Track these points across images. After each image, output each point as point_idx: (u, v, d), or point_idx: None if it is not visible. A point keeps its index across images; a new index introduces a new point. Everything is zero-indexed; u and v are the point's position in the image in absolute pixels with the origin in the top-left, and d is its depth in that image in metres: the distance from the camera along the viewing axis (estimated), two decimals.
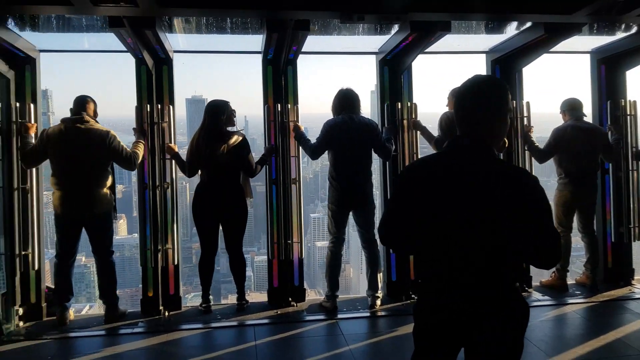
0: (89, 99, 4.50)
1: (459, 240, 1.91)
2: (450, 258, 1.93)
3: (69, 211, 4.38)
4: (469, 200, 1.89)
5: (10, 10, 3.91)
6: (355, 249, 4.53)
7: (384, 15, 4.08)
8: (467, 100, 2.02)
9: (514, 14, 4.39)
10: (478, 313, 1.92)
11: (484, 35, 5.10)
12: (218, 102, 4.62)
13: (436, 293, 1.99)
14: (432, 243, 1.98)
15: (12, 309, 4.45)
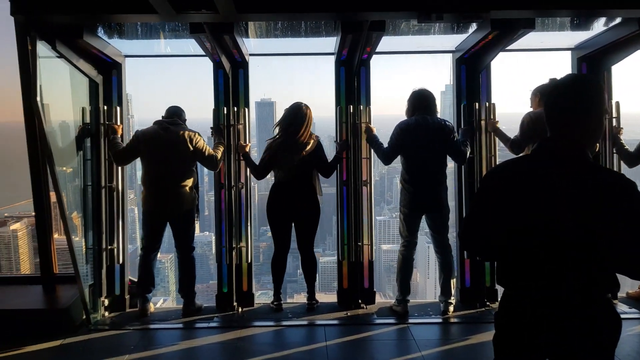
0: (180, 109, 4.75)
1: (548, 247, 1.84)
2: (538, 266, 1.87)
3: (156, 208, 4.61)
4: (560, 205, 1.81)
5: (101, 19, 4.12)
6: (422, 253, 4.47)
7: (463, 14, 3.91)
8: (560, 100, 1.93)
9: (604, 9, 4.10)
10: (566, 324, 1.85)
11: (569, 32, 4.83)
12: (295, 107, 4.60)
13: (522, 301, 1.93)
14: (520, 249, 1.91)
15: (98, 300, 4.74)
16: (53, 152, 4.17)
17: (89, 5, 3.79)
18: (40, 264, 4.94)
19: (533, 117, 4.44)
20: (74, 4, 3.77)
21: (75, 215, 4.71)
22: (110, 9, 3.85)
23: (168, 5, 3.49)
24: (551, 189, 1.83)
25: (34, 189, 4.73)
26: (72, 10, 3.80)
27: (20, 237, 15.48)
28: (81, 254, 4.65)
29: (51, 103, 4.35)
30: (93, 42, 4.28)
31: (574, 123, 1.88)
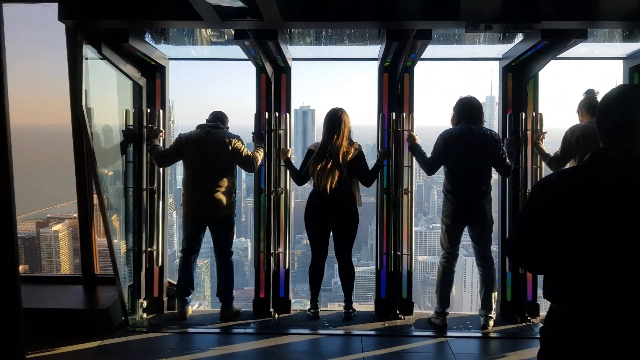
0: (224, 114, 4.81)
1: (602, 261, 1.75)
2: (590, 280, 1.78)
3: (196, 210, 4.65)
4: (616, 216, 1.73)
5: (148, 24, 4.17)
6: (460, 266, 4.40)
7: (513, 24, 3.81)
8: (612, 111, 1.87)
9: None
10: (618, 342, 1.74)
11: (618, 43, 4.68)
12: (335, 113, 4.57)
13: (571, 317, 1.84)
14: (571, 263, 1.82)
15: (137, 302, 4.80)
16: (96, 155, 4.23)
17: (135, 11, 3.84)
18: (82, 265, 5.05)
19: (576, 131, 4.29)
20: (121, 10, 3.82)
21: (115, 218, 4.78)
22: (156, 15, 3.89)
23: (214, 13, 3.52)
24: (605, 200, 1.76)
25: (78, 191, 4.86)
26: (119, 15, 3.86)
27: (62, 238, 15.90)
28: (120, 255, 4.71)
29: (96, 106, 4.41)
30: (138, 45, 4.34)
31: (627, 134, 1.82)
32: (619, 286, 1.75)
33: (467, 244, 4.81)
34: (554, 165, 4.44)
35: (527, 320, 4.73)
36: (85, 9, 3.82)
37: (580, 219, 1.79)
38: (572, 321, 1.83)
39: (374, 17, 3.90)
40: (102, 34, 4.06)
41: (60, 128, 4.91)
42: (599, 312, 1.78)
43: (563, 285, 1.88)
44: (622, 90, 1.93)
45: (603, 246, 1.76)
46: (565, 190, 1.86)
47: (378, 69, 4.89)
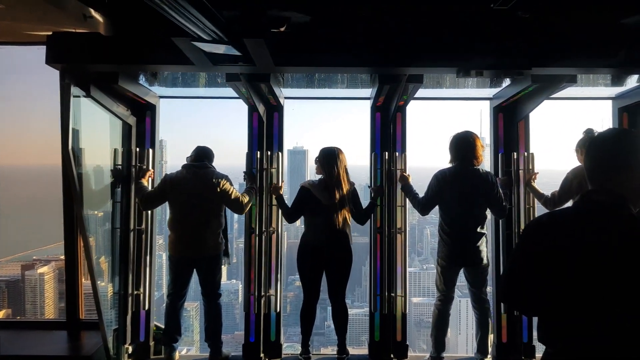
0: (209, 150, 4.74)
1: (592, 306, 1.76)
2: (582, 323, 1.78)
3: (183, 252, 4.56)
4: (604, 259, 1.74)
5: (138, 68, 4.21)
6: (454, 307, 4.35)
7: (504, 71, 3.89)
8: (601, 154, 1.90)
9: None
10: None
11: (603, 87, 4.83)
12: (333, 151, 4.55)
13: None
14: (561, 306, 1.83)
15: (122, 347, 4.66)
16: (85, 196, 4.19)
17: (125, 55, 3.85)
18: (67, 309, 4.93)
19: (578, 174, 4.32)
20: (110, 54, 3.82)
21: (102, 260, 4.70)
22: (146, 59, 3.91)
23: (205, 58, 3.54)
24: (594, 243, 1.78)
25: (65, 232, 4.79)
26: (109, 60, 3.86)
27: (47, 281, 15.63)
28: (107, 299, 4.61)
29: (88, 146, 4.41)
30: (128, 86, 4.34)
31: (615, 178, 1.85)
32: (611, 331, 1.74)
33: (461, 285, 4.75)
34: (550, 205, 4.45)
35: None
36: (73, 52, 3.82)
37: (569, 263, 1.80)
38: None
39: (367, 63, 3.96)
40: (90, 75, 4.05)
41: (50, 168, 4.89)
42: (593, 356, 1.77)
43: (557, 329, 1.87)
44: (611, 133, 1.98)
45: (591, 291, 1.77)
46: (554, 232, 1.89)
47: (370, 108, 4.93)
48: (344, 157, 4.56)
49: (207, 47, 3.34)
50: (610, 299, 1.74)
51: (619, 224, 1.80)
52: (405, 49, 3.86)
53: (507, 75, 4.10)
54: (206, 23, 2.85)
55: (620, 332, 1.74)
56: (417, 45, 3.84)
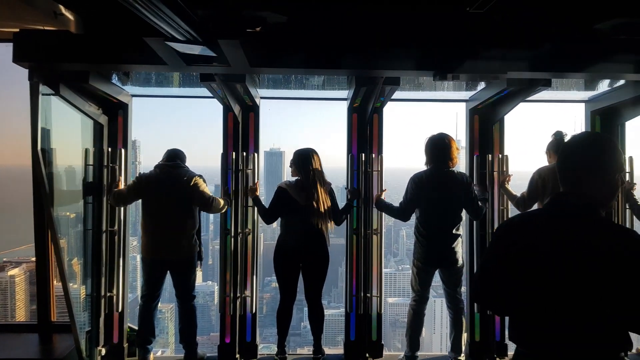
0: (181, 151, 4.69)
1: (560, 305, 1.81)
2: (551, 323, 1.83)
3: (156, 254, 4.52)
4: (571, 261, 1.79)
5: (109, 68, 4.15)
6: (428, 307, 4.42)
7: (480, 75, 3.94)
8: (573, 158, 1.95)
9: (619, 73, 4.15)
10: None
11: (576, 91, 4.96)
12: (308, 152, 4.57)
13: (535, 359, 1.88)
14: (531, 306, 1.88)
15: (95, 350, 4.61)
16: (56, 197, 4.13)
17: (96, 54, 3.78)
18: (38, 312, 4.83)
19: (542, 173, 4.44)
20: (81, 53, 3.75)
21: (75, 262, 4.64)
22: (118, 59, 3.85)
23: (179, 58, 3.50)
24: (562, 245, 1.83)
25: (36, 234, 4.69)
26: (79, 59, 3.79)
27: (18, 283, 15.35)
28: (80, 301, 4.55)
29: (59, 146, 4.34)
30: (99, 84, 4.27)
31: (586, 181, 1.90)
32: (580, 331, 1.80)
33: (436, 285, 4.82)
34: (521, 207, 4.53)
35: None
36: (42, 50, 3.73)
37: (536, 262, 1.85)
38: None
39: (343, 65, 3.97)
40: (60, 74, 3.97)
41: (20, 169, 4.80)
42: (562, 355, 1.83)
43: (527, 328, 1.92)
44: (584, 137, 2.02)
45: (557, 289, 1.81)
46: (523, 234, 1.94)
47: (347, 109, 4.95)
48: (319, 158, 4.58)
49: (181, 48, 3.30)
50: (578, 299, 1.78)
51: (588, 226, 1.85)
52: (382, 52, 3.88)
53: (483, 79, 4.16)
54: (180, 23, 2.82)
55: (589, 332, 1.79)
56: (394, 48, 3.86)
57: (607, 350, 1.82)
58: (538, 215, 2.14)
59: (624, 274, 1.73)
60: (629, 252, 1.75)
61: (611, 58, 3.90)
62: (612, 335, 1.81)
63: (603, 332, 1.80)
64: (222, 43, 3.25)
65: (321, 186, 4.52)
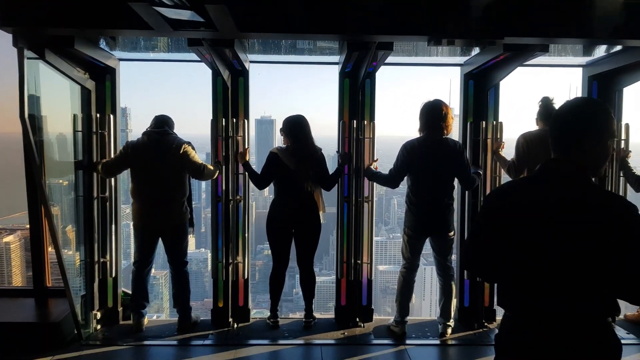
0: (169, 118, 4.71)
1: (548, 270, 1.85)
2: (539, 289, 1.88)
3: (147, 222, 4.61)
4: (560, 229, 1.82)
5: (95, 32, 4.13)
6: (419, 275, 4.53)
7: (476, 40, 3.92)
8: (565, 124, 1.95)
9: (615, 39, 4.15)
10: (566, 348, 1.86)
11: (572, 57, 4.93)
12: (301, 117, 4.66)
13: (522, 324, 1.94)
14: (520, 272, 1.92)
15: (90, 313, 4.75)
16: (48, 164, 4.18)
17: (81, 18, 3.75)
18: (33, 277, 4.98)
19: (528, 138, 4.45)
20: (66, 17, 3.72)
21: (69, 229, 4.73)
22: (103, 23, 3.82)
23: (165, 23, 3.48)
24: (551, 211, 1.85)
25: (29, 201, 4.78)
26: (64, 23, 3.76)
27: (13, 250, 15.58)
28: (75, 267, 4.66)
29: (50, 113, 4.36)
30: (85, 49, 4.24)
31: (577, 147, 1.91)
32: (567, 296, 1.84)
33: (426, 254, 4.93)
34: (513, 173, 4.56)
35: (484, 326, 4.91)
36: (26, 15, 3.71)
37: (528, 231, 1.88)
38: (524, 328, 1.93)
39: (335, 29, 3.95)
40: (45, 39, 3.95)
41: (13, 136, 4.84)
42: (549, 320, 1.88)
43: (516, 294, 1.97)
44: (578, 103, 2.01)
45: (546, 255, 1.85)
46: (513, 200, 1.96)
47: (339, 74, 4.92)
48: (308, 125, 4.65)
49: (169, 13, 3.29)
50: (567, 265, 1.82)
51: (577, 191, 1.87)
52: (375, 17, 3.85)
53: (479, 45, 4.13)
54: None
55: (577, 297, 1.84)
56: (387, 13, 3.83)
57: (594, 315, 1.86)
58: (527, 181, 2.16)
59: (613, 239, 1.76)
60: (617, 217, 1.78)
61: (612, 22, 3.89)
62: (600, 300, 1.85)
63: (590, 298, 1.84)
64: (209, 8, 3.24)
65: (311, 152, 4.58)
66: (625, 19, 3.89)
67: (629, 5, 3.76)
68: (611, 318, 4.83)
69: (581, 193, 1.87)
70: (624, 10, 3.84)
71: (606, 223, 1.78)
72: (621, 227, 1.77)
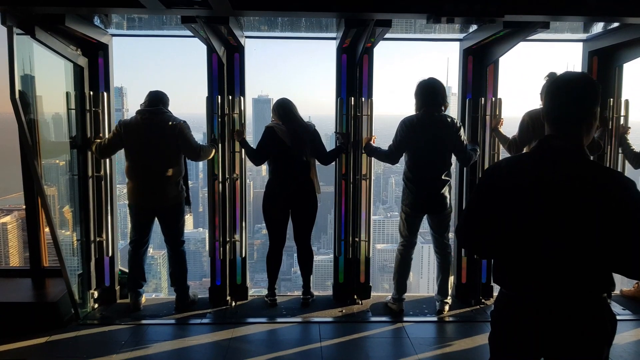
0: (164, 94, 4.68)
1: (544, 246, 1.89)
2: (534, 265, 1.92)
3: (142, 201, 4.63)
4: (556, 204, 1.86)
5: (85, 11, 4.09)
6: (416, 253, 4.59)
7: (476, 18, 3.92)
8: (560, 98, 1.97)
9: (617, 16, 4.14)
10: (562, 323, 1.91)
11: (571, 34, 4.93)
12: (287, 100, 4.77)
13: (517, 300, 1.99)
14: (516, 248, 1.96)
15: (87, 293, 4.82)
16: (42, 145, 4.20)
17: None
18: (30, 257, 5.02)
19: (533, 116, 4.45)
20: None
21: (67, 209, 4.76)
22: (93, 1, 3.80)
23: (157, 1, 3.46)
24: (547, 187, 1.88)
25: (25, 183, 4.80)
26: (54, 2, 3.74)
27: (10, 231, 15.69)
28: (70, 247, 4.71)
29: (45, 93, 4.35)
30: (76, 26, 4.20)
31: (576, 124, 1.93)
32: (563, 271, 1.88)
33: (424, 232, 4.98)
34: (513, 149, 4.57)
35: (481, 302, 5.00)
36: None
37: (524, 208, 1.91)
38: (519, 305, 1.98)
39: (332, 7, 3.93)
40: (35, 16, 3.92)
41: (7, 117, 4.84)
42: (545, 296, 1.92)
43: (511, 270, 2.01)
44: (575, 78, 2.01)
45: (542, 230, 1.88)
46: (509, 177, 1.98)
47: (336, 50, 4.90)
48: (294, 105, 4.76)
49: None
50: (563, 241, 1.86)
51: (576, 168, 1.89)
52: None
53: (478, 22, 4.12)
54: None
55: (572, 273, 1.88)
56: None
57: (590, 290, 1.90)
58: (524, 158, 2.18)
59: (610, 214, 1.79)
60: (615, 192, 1.81)
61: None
62: (595, 276, 1.89)
63: (586, 273, 1.88)
64: None
65: (304, 128, 4.66)
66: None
67: None
68: (607, 294, 4.92)
69: (578, 169, 1.89)
70: None
71: (604, 198, 1.80)
72: (619, 202, 1.80)
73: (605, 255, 1.84)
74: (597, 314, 1.92)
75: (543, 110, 2.04)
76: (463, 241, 2.14)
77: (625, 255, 1.82)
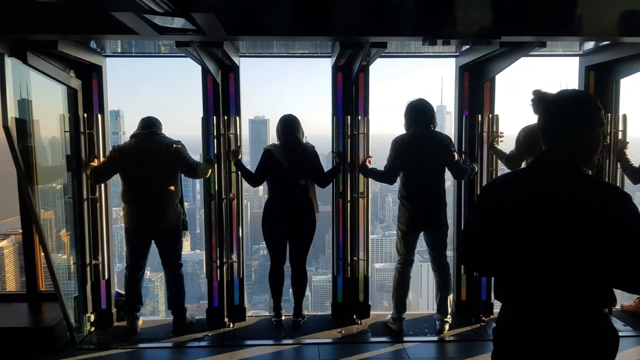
0: (156, 119, 4.80)
1: (544, 263, 1.93)
2: (534, 280, 1.96)
3: (138, 227, 4.70)
4: (554, 221, 1.90)
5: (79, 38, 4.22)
6: (415, 271, 4.63)
7: (472, 40, 4.03)
8: (554, 117, 2.03)
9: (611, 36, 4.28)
10: (563, 339, 1.93)
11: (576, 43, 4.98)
12: (292, 117, 4.84)
13: (519, 317, 2.02)
14: (515, 264, 2.00)
15: (83, 317, 4.89)
16: (39, 169, 4.29)
17: (65, 25, 3.80)
18: (27, 282, 5.11)
19: (528, 131, 4.56)
20: (49, 24, 3.76)
21: (64, 233, 4.83)
22: (86, 29, 3.89)
23: (150, 29, 3.53)
24: (545, 203, 1.92)
25: (21, 207, 4.90)
26: (47, 30, 3.81)
27: (7, 255, 15.74)
28: (67, 270, 4.79)
29: (42, 117, 4.43)
30: (69, 50, 4.29)
31: (570, 139, 1.98)
32: (564, 286, 1.92)
33: (422, 250, 5.06)
34: (512, 164, 4.68)
35: (481, 320, 5.07)
36: (7, 22, 3.73)
37: (523, 223, 1.96)
38: (521, 321, 2.01)
39: (327, 32, 4.04)
40: (27, 43, 3.99)
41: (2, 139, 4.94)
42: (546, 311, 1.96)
43: (512, 286, 2.06)
44: (569, 96, 2.07)
45: (541, 247, 1.93)
46: (507, 193, 2.04)
47: (332, 68, 5.02)
48: (299, 123, 4.82)
49: (159, 21, 3.37)
50: (563, 256, 1.90)
51: (571, 183, 1.94)
52: (368, 17, 3.93)
53: (475, 44, 4.22)
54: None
55: (573, 288, 1.92)
56: (380, 13, 3.89)
57: (591, 306, 1.93)
58: (521, 174, 2.23)
59: (606, 228, 1.82)
60: (612, 207, 1.84)
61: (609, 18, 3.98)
62: (596, 291, 1.92)
63: (587, 288, 1.91)
64: (198, 17, 3.33)
65: (304, 149, 4.75)
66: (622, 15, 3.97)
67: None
68: (608, 309, 4.96)
69: (575, 184, 1.94)
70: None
71: (601, 213, 1.84)
72: (616, 217, 1.83)
73: (604, 269, 1.88)
74: (599, 329, 1.95)
75: (538, 127, 2.10)
76: (463, 259, 2.20)
77: (624, 270, 1.85)
